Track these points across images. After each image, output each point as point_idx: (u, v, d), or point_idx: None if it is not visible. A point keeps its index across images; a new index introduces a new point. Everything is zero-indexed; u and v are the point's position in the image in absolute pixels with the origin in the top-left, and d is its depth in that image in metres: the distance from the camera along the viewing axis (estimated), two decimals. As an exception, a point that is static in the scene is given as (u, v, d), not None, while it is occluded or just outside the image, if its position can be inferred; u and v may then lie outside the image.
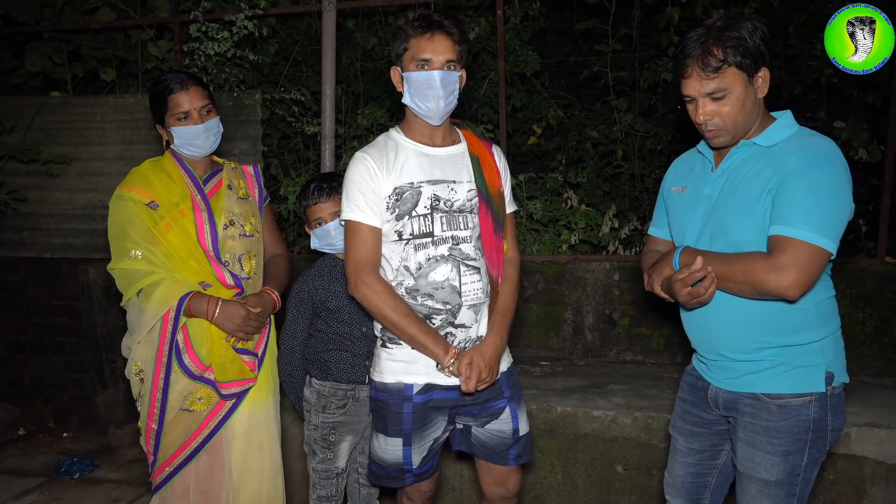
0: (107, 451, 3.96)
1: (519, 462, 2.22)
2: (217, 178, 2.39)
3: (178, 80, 2.26)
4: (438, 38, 1.95)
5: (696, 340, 1.95)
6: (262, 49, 4.23)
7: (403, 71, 2.01)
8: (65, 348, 4.29)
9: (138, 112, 4.15)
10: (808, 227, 1.60)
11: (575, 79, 4.72)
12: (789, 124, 1.78)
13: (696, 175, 1.94)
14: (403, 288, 2.04)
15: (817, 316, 1.76)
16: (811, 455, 1.76)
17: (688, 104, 1.78)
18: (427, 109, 2.01)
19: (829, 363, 1.77)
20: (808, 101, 4.25)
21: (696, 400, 1.98)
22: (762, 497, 1.79)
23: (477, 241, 2.09)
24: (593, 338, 3.77)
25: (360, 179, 2.01)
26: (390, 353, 2.08)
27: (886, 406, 2.91)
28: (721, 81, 1.68)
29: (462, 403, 2.10)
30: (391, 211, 2.01)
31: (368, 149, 2.06)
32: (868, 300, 3.41)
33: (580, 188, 4.28)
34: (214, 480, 2.30)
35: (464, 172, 2.10)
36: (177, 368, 2.24)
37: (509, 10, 4.17)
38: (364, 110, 4.21)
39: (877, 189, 3.65)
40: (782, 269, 1.58)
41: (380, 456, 2.13)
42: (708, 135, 1.78)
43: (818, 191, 1.62)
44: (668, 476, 2.10)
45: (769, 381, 1.76)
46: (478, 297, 2.07)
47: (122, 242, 2.23)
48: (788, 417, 1.74)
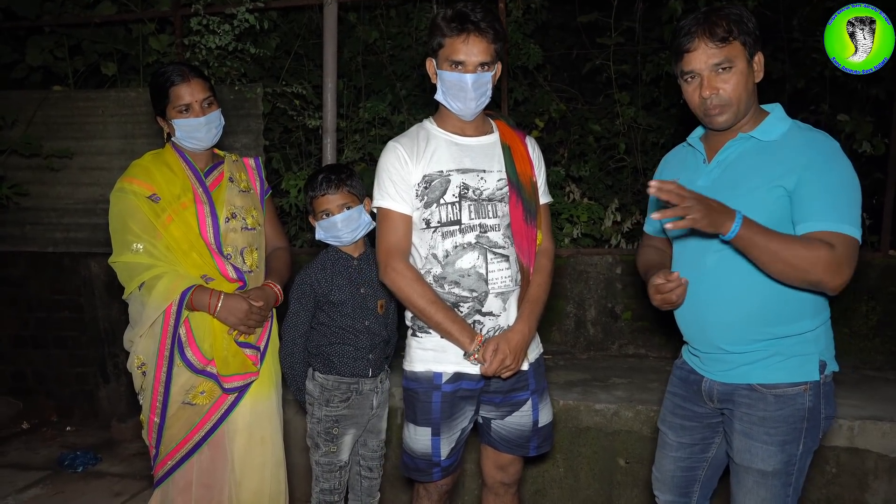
0: (109, 445, 3.97)
1: (540, 451, 2.24)
2: (218, 171, 2.38)
3: (179, 72, 2.25)
4: (473, 40, 1.95)
5: (690, 334, 1.94)
6: (264, 43, 4.23)
7: (438, 67, 2.03)
8: (67, 342, 4.30)
9: (140, 106, 4.14)
10: (848, 222, 1.63)
11: (577, 72, 4.70)
12: (783, 118, 1.79)
13: (689, 168, 1.93)
14: (431, 276, 2.06)
15: (813, 306, 1.77)
16: (806, 444, 1.77)
17: (688, 84, 1.78)
18: (459, 109, 2.04)
19: (822, 352, 1.79)
20: (812, 95, 4.24)
21: (688, 394, 1.97)
22: (759, 488, 1.79)
23: (507, 230, 2.09)
24: (595, 331, 3.77)
25: (391, 167, 2.05)
26: (420, 341, 2.10)
27: (889, 399, 2.91)
28: (729, 52, 1.70)
29: (486, 390, 2.11)
30: (420, 198, 2.04)
31: (400, 138, 2.11)
32: (871, 294, 3.40)
33: (582, 182, 4.27)
34: (217, 474, 2.30)
35: (494, 162, 2.11)
36: (179, 362, 2.24)
37: (511, 3, 4.16)
38: (366, 104, 4.20)
39: (880, 182, 3.64)
40: (841, 266, 1.60)
41: (410, 446, 2.15)
42: (713, 112, 1.75)
43: (845, 186, 1.65)
44: (656, 471, 2.09)
45: (765, 371, 1.77)
46: (506, 286, 2.07)
47: (123, 235, 2.22)
48: (784, 407, 1.75)
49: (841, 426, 2.69)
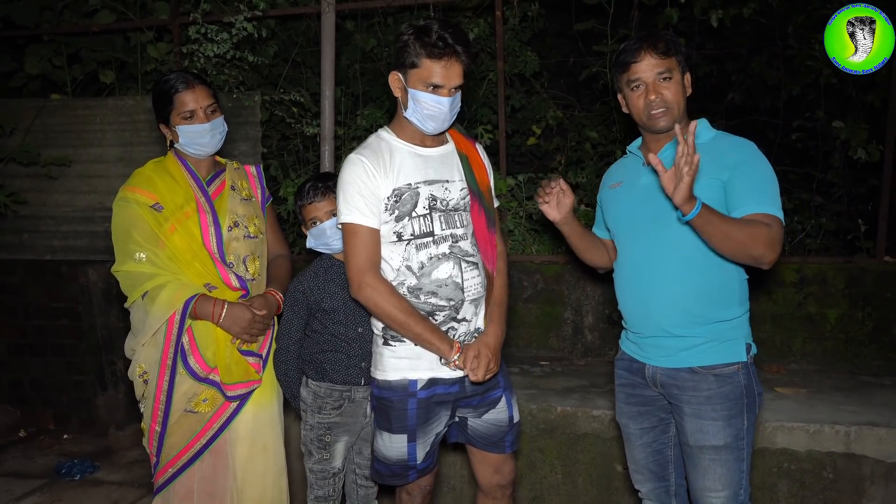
0: (107, 453, 3.96)
1: (513, 448, 2.28)
2: (220, 179, 2.39)
3: (183, 79, 2.26)
4: (453, 66, 1.97)
5: (634, 319, 2.10)
6: (262, 51, 4.24)
7: (408, 84, 2.00)
8: (65, 350, 4.29)
9: (138, 114, 4.15)
10: (776, 206, 1.87)
11: (574, 79, 4.72)
12: (709, 127, 2.05)
13: (630, 171, 2.16)
14: (406, 287, 2.05)
15: (740, 294, 2.00)
16: (749, 419, 1.97)
17: (633, 93, 2.01)
18: (431, 128, 2.06)
19: (746, 336, 2.02)
20: (807, 102, 4.26)
21: (635, 381, 2.12)
22: (714, 465, 1.95)
23: (472, 238, 2.14)
24: (593, 337, 3.78)
25: (359, 181, 2.01)
26: (394, 350, 2.09)
27: (885, 405, 2.93)
28: (669, 63, 1.97)
29: (463, 395, 2.13)
30: (390, 212, 2.03)
31: (362, 150, 2.07)
32: (867, 299, 3.42)
33: (579, 188, 4.27)
34: (218, 482, 2.30)
35: (455, 171, 2.15)
36: (182, 370, 2.24)
37: (508, 11, 4.17)
38: (363, 111, 4.21)
39: (875, 189, 3.66)
40: (775, 242, 1.82)
41: (384, 454, 2.14)
42: (656, 115, 1.98)
43: (770, 178, 1.91)
44: (631, 465, 2.21)
45: (703, 354, 1.96)
46: (478, 292, 2.12)
47: (126, 245, 2.22)
48: (724, 384, 1.95)
49: (838, 432, 2.70)
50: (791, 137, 4.32)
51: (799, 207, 4.08)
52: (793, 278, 3.47)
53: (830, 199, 4.30)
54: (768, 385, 3.14)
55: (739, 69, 4.69)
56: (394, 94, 2.08)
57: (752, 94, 4.68)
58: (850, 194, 4.30)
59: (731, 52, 4.65)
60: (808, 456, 2.74)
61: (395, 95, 2.07)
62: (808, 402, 2.98)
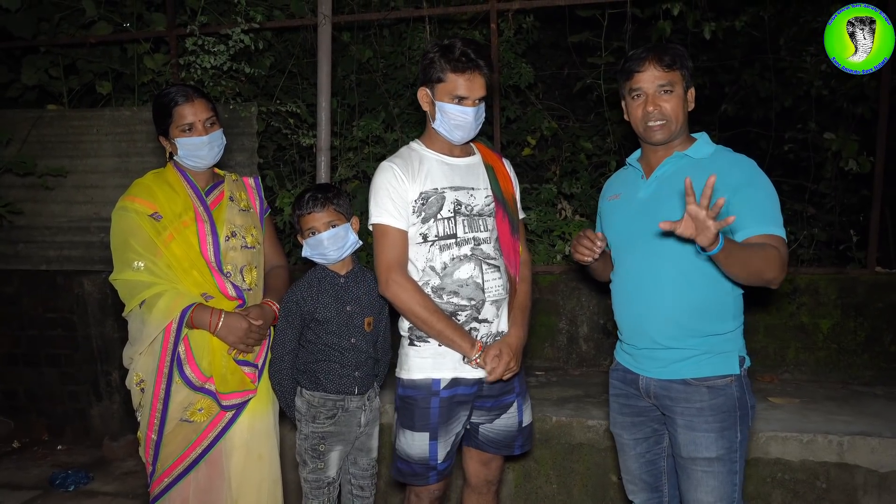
0: (101, 464, 3.95)
1: (523, 450, 2.37)
2: (219, 190, 2.41)
3: (182, 92, 2.28)
4: (475, 78, 2.11)
5: (629, 330, 2.11)
6: (258, 62, 4.26)
7: (436, 98, 2.14)
8: (59, 361, 4.28)
9: (134, 125, 4.16)
10: (780, 226, 1.89)
11: (568, 91, 4.76)
12: (709, 142, 2.04)
13: (629, 184, 2.15)
14: (430, 287, 2.16)
15: (734, 308, 2.00)
16: (742, 432, 1.96)
17: (634, 101, 2.01)
18: (458, 137, 2.18)
19: (740, 349, 2.02)
20: (799, 113, 4.30)
21: (629, 391, 2.13)
22: (707, 477, 1.95)
23: (496, 243, 2.24)
24: (588, 347, 3.79)
25: (389, 186, 2.14)
26: (418, 350, 2.19)
27: (878, 415, 2.94)
28: (672, 77, 1.96)
29: (480, 393, 2.21)
30: (417, 214, 2.15)
31: (394, 158, 2.21)
32: (859, 310, 3.44)
33: (574, 199, 4.30)
34: (214, 492, 2.31)
35: (480, 180, 2.26)
36: (178, 379, 2.25)
37: (503, 23, 4.21)
38: (359, 122, 4.23)
39: (867, 200, 3.69)
40: (785, 264, 1.84)
41: (406, 452, 2.21)
42: (653, 127, 1.98)
43: (772, 197, 1.92)
44: (624, 475, 2.21)
45: (696, 366, 1.96)
46: (499, 294, 2.21)
47: (124, 253, 2.24)
48: (717, 396, 1.94)
49: (831, 442, 2.72)
50: (783, 148, 4.37)
51: (791, 218, 4.11)
52: (785, 288, 3.50)
53: (822, 210, 4.34)
54: (762, 395, 3.15)
55: (732, 81, 4.74)
56: (423, 109, 2.20)
57: (744, 105, 4.72)
58: (842, 205, 4.34)
59: (723, 64, 4.70)
60: (802, 466, 2.76)
61: (424, 109, 2.21)
62: (801, 411, 3.00)
